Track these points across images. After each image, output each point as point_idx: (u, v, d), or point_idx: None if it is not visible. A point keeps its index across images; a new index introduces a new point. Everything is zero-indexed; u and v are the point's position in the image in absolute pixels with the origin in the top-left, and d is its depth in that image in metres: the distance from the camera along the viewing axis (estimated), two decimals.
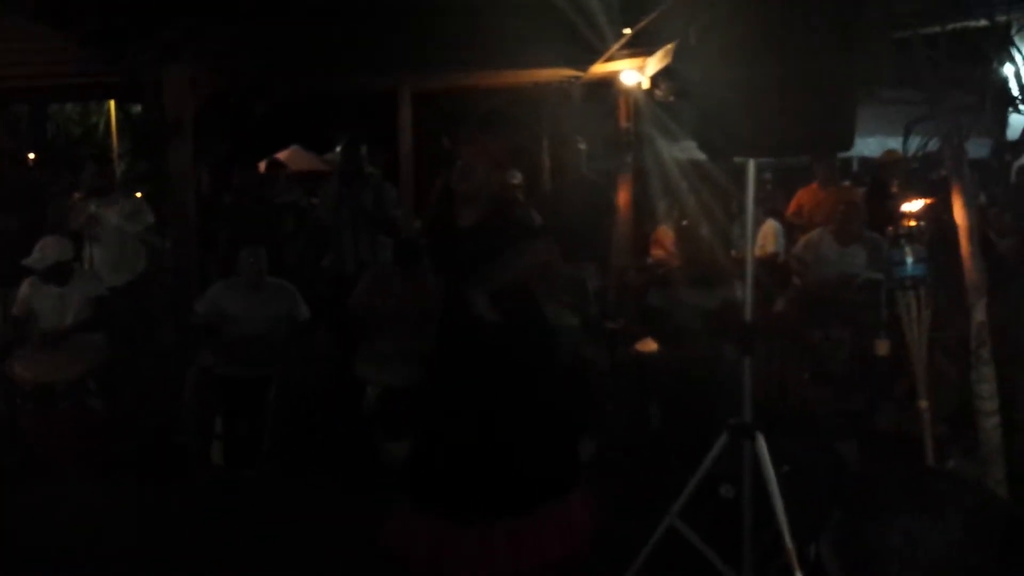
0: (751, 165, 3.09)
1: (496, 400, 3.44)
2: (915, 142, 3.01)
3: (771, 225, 6.69)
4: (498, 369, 3.46)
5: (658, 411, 5.06)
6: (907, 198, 3.29)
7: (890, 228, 3.03)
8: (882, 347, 3.32)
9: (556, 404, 3.61)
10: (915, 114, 3.24)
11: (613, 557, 3.41)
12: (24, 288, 5.27)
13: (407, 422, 4.52)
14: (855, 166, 11.28)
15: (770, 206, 7.43)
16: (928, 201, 3.23)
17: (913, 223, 2.98)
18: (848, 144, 3.00)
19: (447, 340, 3.61)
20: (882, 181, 7.62)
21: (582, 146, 7.00)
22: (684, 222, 6.11)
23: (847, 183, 7.59)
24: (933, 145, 2.99)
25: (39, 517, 4.32)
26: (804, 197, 7.08)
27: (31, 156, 10.65)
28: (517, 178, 7.22)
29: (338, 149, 10.02)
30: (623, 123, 7.69)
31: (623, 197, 7.73)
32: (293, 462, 4.85)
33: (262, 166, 8.41)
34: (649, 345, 5.19)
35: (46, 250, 5.18)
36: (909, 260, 2.93)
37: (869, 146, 9.30)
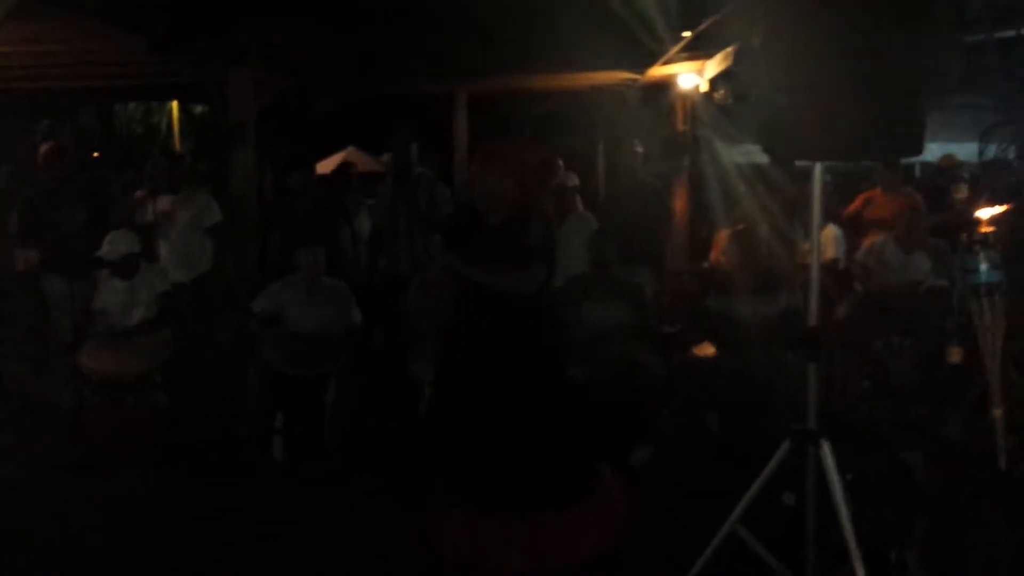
0: (817, 169, 3.06)
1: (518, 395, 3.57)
2: (991, 148, 2.95)
3: (831, 231, 6.58)
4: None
5: (715, 417, 5.02)
6: (977, 204, 3.23)
7: (963, 234, 2.97)
8: (955, 355, 3.25)
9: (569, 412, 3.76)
10: (982, 119, 3.19)
11: (671, 564, 3.40)
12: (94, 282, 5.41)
13: None
14: (917, 172, 11.07)
15: (831, 211, 7.32)
16: (1003, 207, 3.16)
17: (988, 229, 2.92)
18: (918, 149, 2.96)
19: (465, 329, 3.73)
20: (940, 186, 7.47)
21: (638, 149, 6.98)
22: (739, 226, 6.05)
23: (908, 189, 7.44)
24: (1011, 151, 2.93)
25: (102, 509, 4.40)
26: (869, 200, 6.96)
27: (95, 154, 10.92)
28: (572, 181, 7.22)
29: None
30: (680, 126, 7.66)
31: (679, 201, 7.69)
32: (351, 459, 4.91)
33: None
34: (706, 350, 5.15)
35: (116, 243, 5.31)
36: (983, 267, 2.87)
37: (932, 151, 9.12)
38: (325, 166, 12.27)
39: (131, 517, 4.29)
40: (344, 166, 8.65)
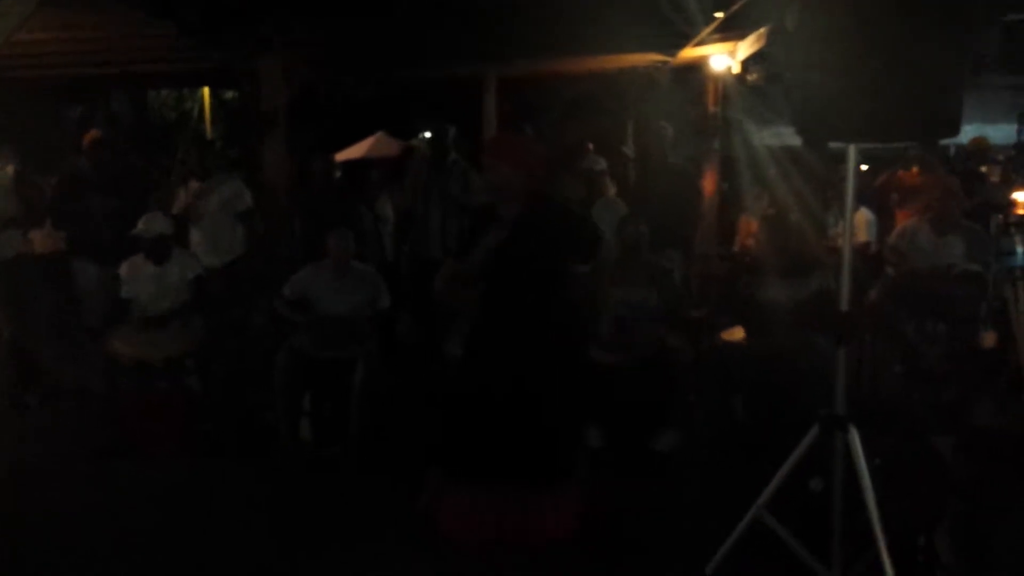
0: (852, 151, 3.01)
1: (528, 370, 3.67)
2: None
3: (863, 214, 6.50)
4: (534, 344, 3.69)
5: (742, 402, 4.99)
6: (1012, 187, 3.17)
7: (999, 217, 2.92)
8: (988, 340, 3.20)
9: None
10: (1019, 101, 3.12)
11: (696, 549, 3.39)
12: (124, 268, 5.44)
13: None
14: (952, 151, 10.89)
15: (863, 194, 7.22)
16: None
17: None
18: (955, 130, 2.90)
19: (490, 314, 3.83)
20: (971, 169, 7.34)
21: (668, 132, 6.92)
22: (770, 210, 5.98)
23: (943, 171, 7.32)
24: None
25: (134, 492, 4.46)
26: (902, 178, 6.87)
27: (128, 141, 11.00)
28: (600, 165, 7.19)
29: (424, 135, 10.11)
30: (711, 108, 7.58)
31: (709, 184, 7.62)
32: (379, 441, 4.94)
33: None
34: (736, 334, 5.11)
35: (151, 222, 5.37)
36: (1020, 250, 2.82)
37: (967, 133, 8.96)
38: (353, 151, 12.32)
39: (162, 499, 4.35)
40: (410, 149, 8.76)
